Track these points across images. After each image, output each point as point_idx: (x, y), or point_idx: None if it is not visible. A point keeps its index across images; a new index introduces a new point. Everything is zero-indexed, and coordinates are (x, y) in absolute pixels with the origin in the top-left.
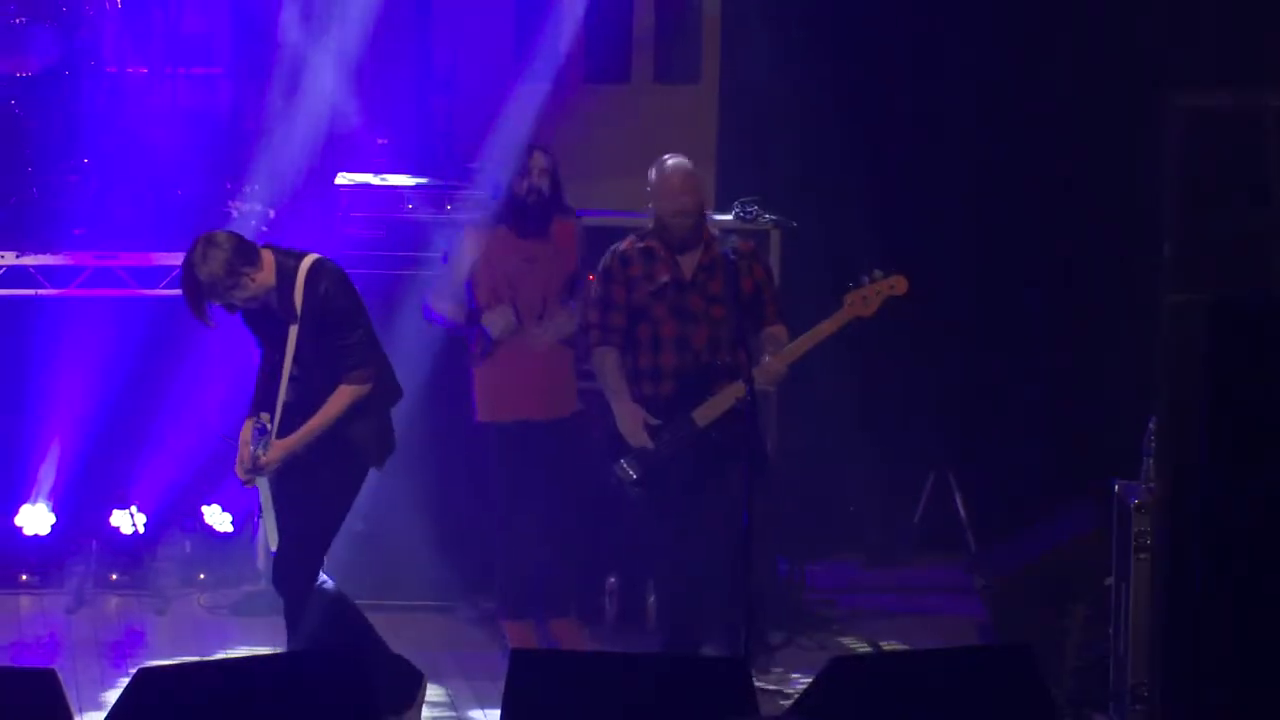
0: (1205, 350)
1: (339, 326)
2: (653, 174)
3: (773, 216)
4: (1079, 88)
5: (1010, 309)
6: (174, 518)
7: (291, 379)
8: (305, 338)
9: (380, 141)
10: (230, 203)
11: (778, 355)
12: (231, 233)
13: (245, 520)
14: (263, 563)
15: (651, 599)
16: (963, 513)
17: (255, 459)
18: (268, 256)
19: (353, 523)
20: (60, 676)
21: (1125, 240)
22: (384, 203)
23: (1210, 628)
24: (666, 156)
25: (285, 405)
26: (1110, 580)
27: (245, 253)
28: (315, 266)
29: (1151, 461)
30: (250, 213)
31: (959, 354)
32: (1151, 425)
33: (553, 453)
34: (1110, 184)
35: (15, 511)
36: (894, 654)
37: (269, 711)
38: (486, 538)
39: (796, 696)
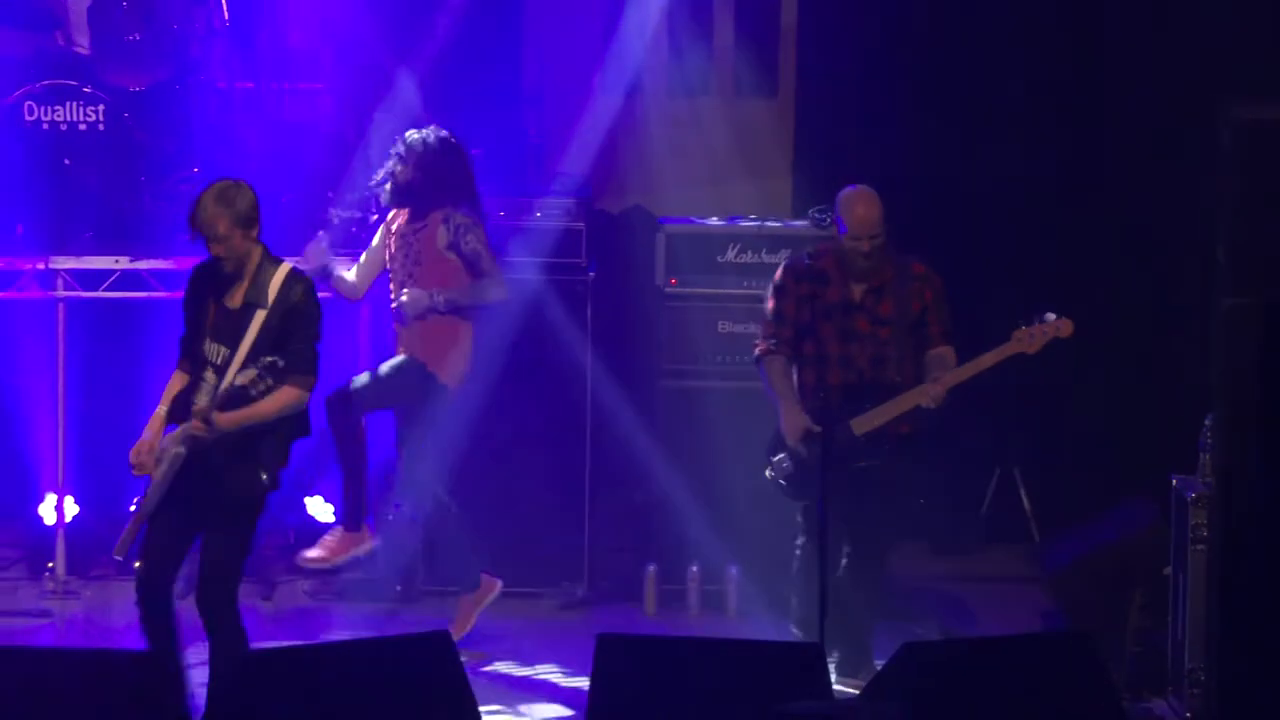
0: (1258, 352)
1: (303, 329)
2: (838, 200)
3: None
4: (1140, 95)
5: (1073, 311)
6: (278, 508)
7: (244, 364)
8: (267, 327)
9: (474, 152)
10: (331, 210)
11: (938, 380)
12: (257, 201)
13: None
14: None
15: (732, 585)
16: (1027, 506)
17: (206, 413)
18: (259, 245)
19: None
20: (158, 659)
21: (1183, 245)
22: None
23: (1262, 615)
24: (852, 185)
25: (232, 387)
26: (1168, 570)
27: (253, 220)
28: (295, 270)
29: (1207, 457)
30: (350, 219)
31: (1025, 356)
32: (1207, 423)
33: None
34: (1168, 190)
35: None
36: (962, 640)
37: (371, 695)
38: (573, 525)
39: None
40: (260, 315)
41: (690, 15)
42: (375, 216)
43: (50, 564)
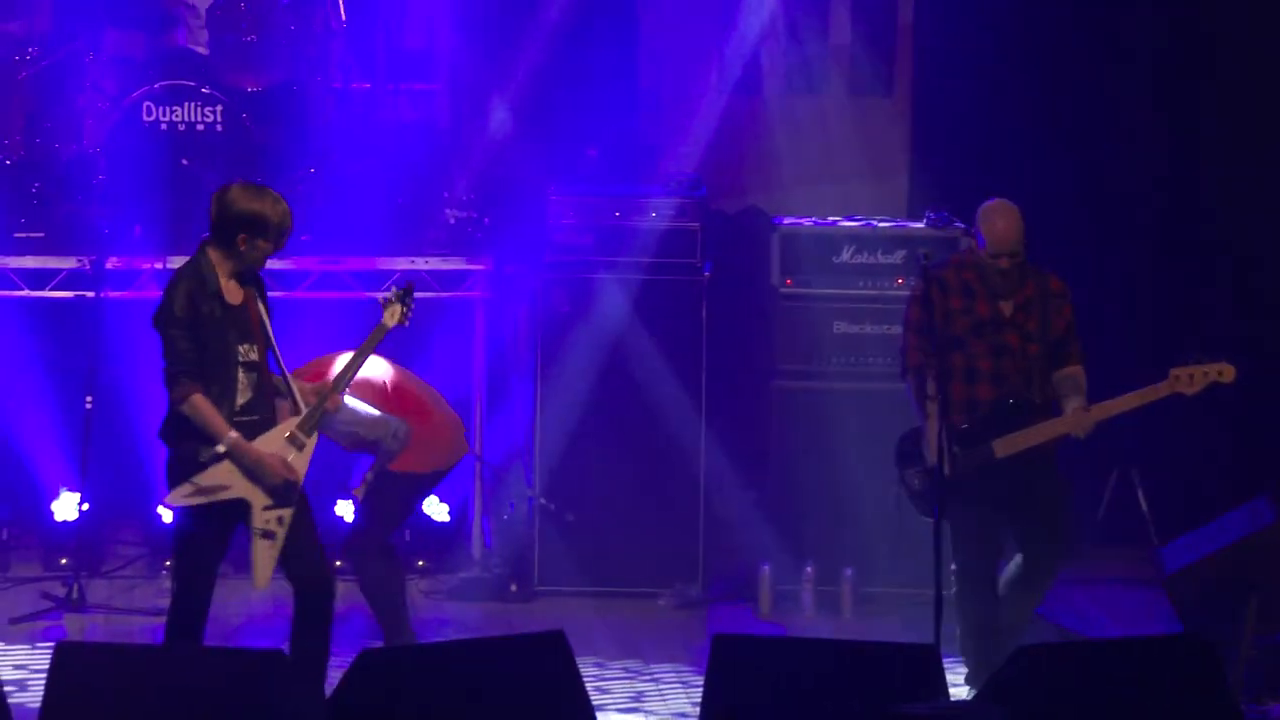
0: None
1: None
2: (978, 213)
3: (961, 224)
4: (1258, 92)
5: (1191, 310)
6: None
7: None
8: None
9: (590, 153)
10: (447, 210)
11: (1092, 411)
12: None
13: (460, 510)
14: (477, 550)
15: (847, 586)
16: (1145, 508)
17: (338, 387)
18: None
19: (562, 513)
20: (285, 656)
21: None
22: (593, 210)
23: None
24: (993, 199)
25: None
26: None
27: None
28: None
29: None
30: (465, 219)
31: (1141, 356)
32: None
33: None
34: None
35: None
36: (1078, 643)
37: (486, 694)
38: (688, 526)
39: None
40: (260, 303)
41: (807, 13)
42: None
43: (168, 562)
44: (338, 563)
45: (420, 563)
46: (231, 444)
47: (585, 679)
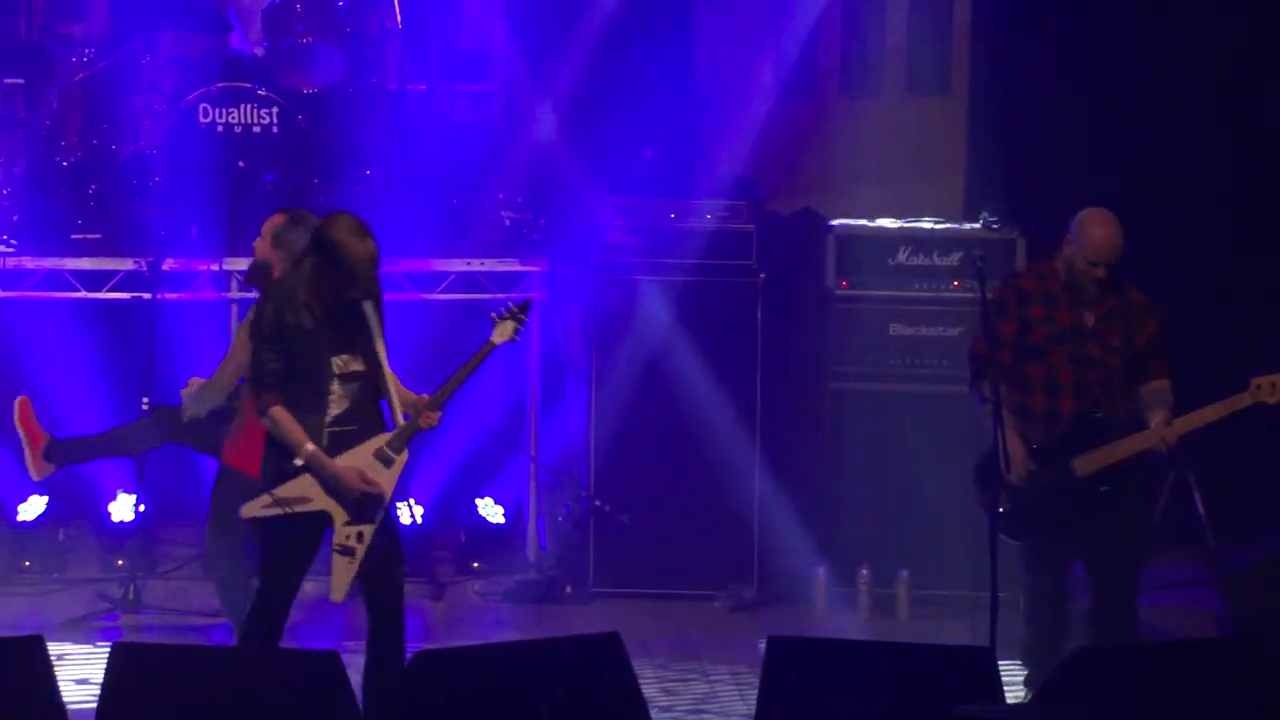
0: None
1: None
2: (1075, 220)
3: (1018, 226)
4: None
5: (1251, 311)
6: (449, 510)
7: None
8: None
9: (646, 154)
10: (502, 211)
11: (1175, 424)
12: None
13: (516, 512)
14: (532, 552)
15: (902, 589)
16: (1202, 511)
17: (437, 403)
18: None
19: (617, 515)
20: (341, 658)
21: None
22: (648, 212)
23: None
24: (1091, 209)
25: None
26: None
27: None
28: None
29: None
30: (520, 221)
31: (1198, 355)
32: None
33: None
34: None
35: None
36: (1134, 645)
37: (541, 695)
38: (743, 528)
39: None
40: (369, 306)
41: (863, 14)
42: None
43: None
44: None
45: (475, 564)
46: (309, 456)
47: (640, 681)
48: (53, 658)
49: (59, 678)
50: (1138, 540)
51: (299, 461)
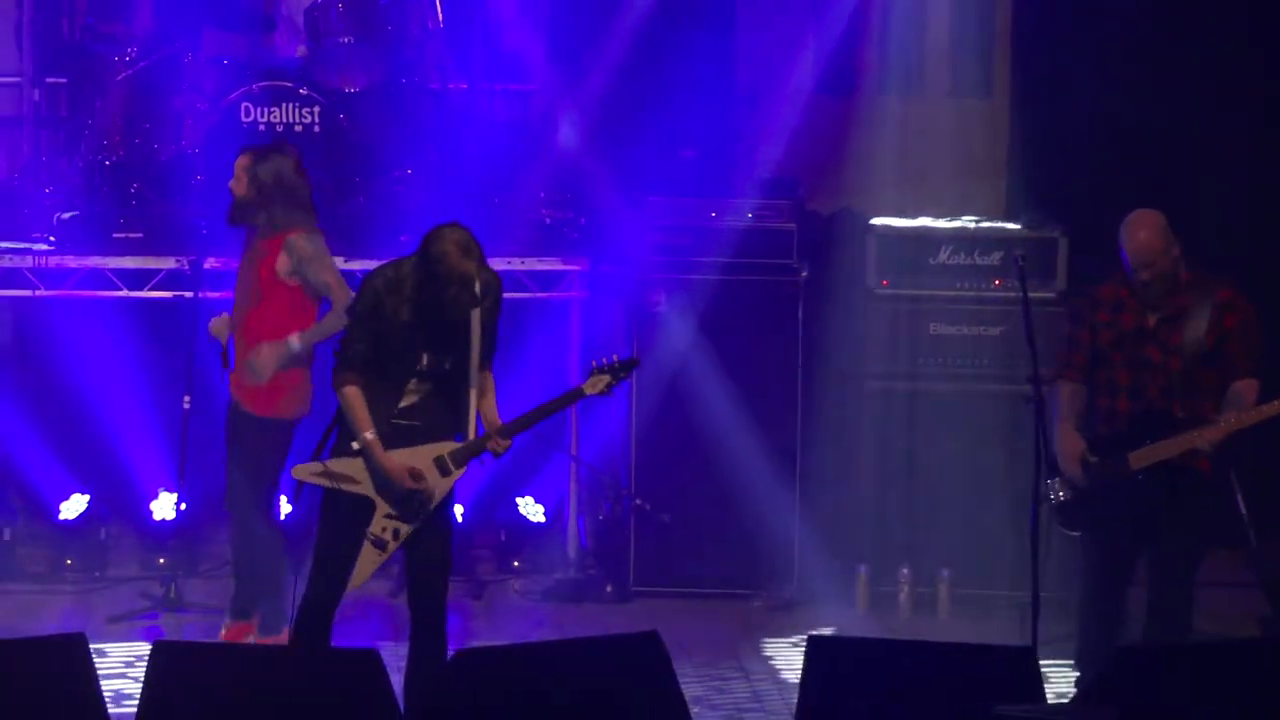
0: None
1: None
2: (1121, 227)
3: (1060, 226)
4: None
5: None
6: (489, 509)
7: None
8: (484, 326)
9: (687, 154)
10: (543, 210)
11: (1219, 424)
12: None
13: (556, 511)
14: (572, 551)
15: (943, 587)
16: (1244, 509)
17: (509, 431)
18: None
19: (658, 513)
20: (381, 657)
21: None
22: (688, 211)
23: None
24: (1134, 212)
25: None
26: None
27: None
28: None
29: None
30: (561, 220)
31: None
32: None
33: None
34: None
35: None
36: (1179, 645)
37: (581, 695)
38: (784, 526)
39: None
40: (477, 314)
41: (905, 15)
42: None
43: None
44: None
45: (516, 563)
46: (366, 443)
47: (680, 680)
48: (94, 656)
49: (100, 676)
50: (1191, 540)
51: (355, 445)
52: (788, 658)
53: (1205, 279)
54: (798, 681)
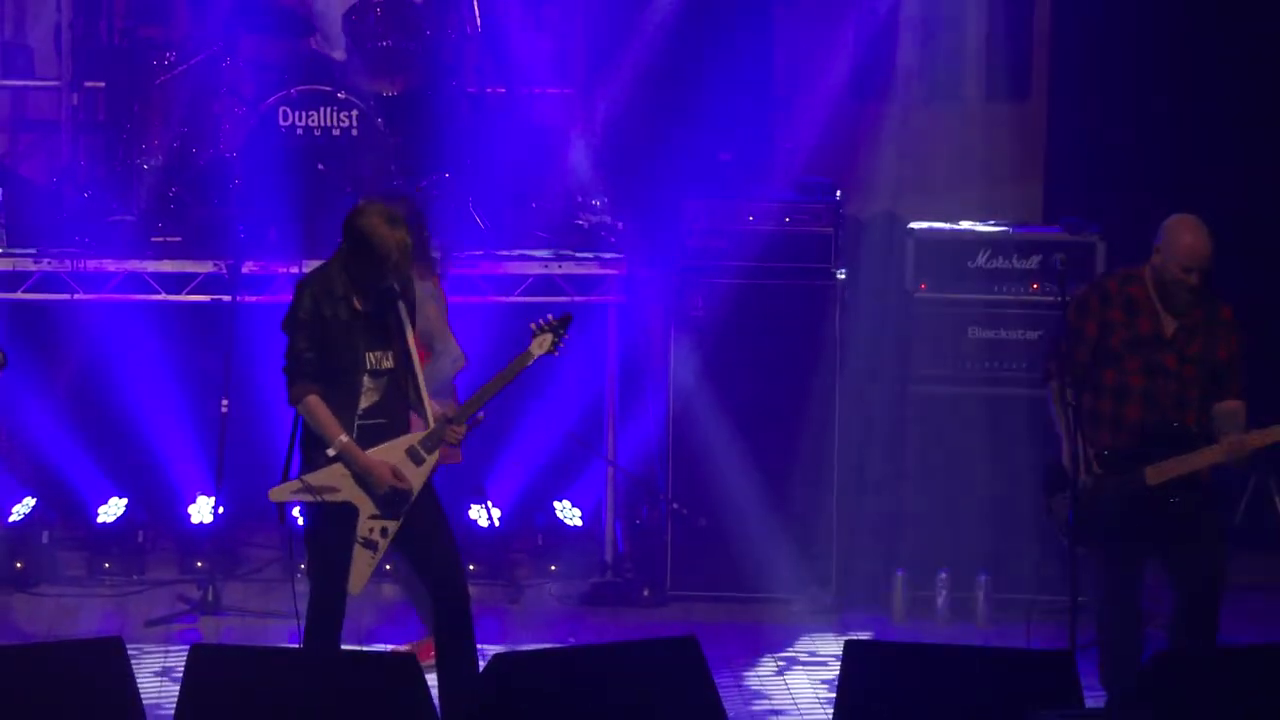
0: None
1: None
2: (1164, 226)
3: (1097, 229)
4: None
5: None
6: (527, 512)
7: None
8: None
9: (724, 157)
10: (580, 214)
11: (1250, 437)
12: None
13: (594, 515)
14: (610, 555)
15: (981, 593)
16: None
17: (469, 415)
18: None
19: (695, 517)
20: (419, 661)
21: None
22: (726, 214)
23: None
24: (1178, 215)
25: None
26: None
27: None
28: None
29: None
30: (599, 223)
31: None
32: None
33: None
34: None
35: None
36: (1214, 650)
37: (618, 699)
38: (822, 530)
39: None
40: (403, 306)
41: (942, 18)
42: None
43: (302, 565)
44: (471, 566)
45: (553, 567)
46: (342, 448)
47: (718, 684)
48: (131, 659)
49: (137, 679)
50: (1220, 552)
51: (331, 452)
52: (825, 662)
53: (1210, 296)
54: (835, 686)
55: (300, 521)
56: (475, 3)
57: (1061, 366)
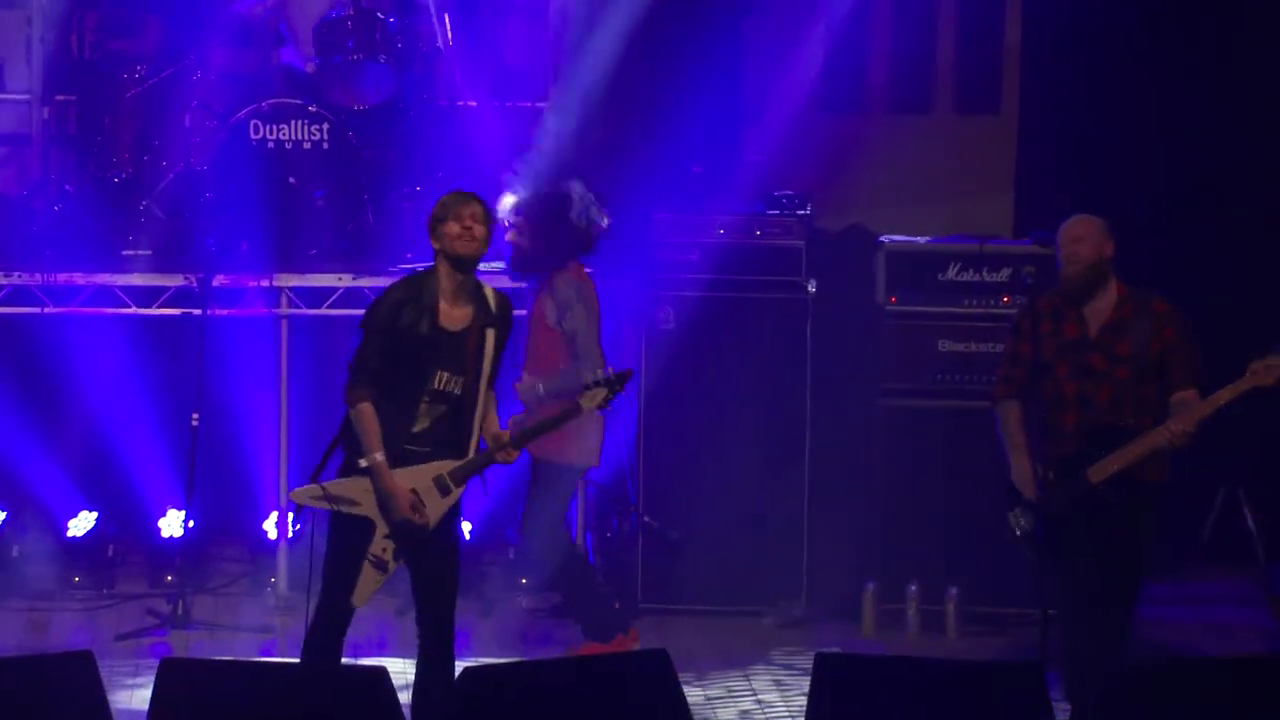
0: None
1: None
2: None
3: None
4: None
5: None
6: (498, 525)
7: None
8: (499, 348)
9: (695, 170)
10: None
11: (1179, 417)
12: None
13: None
14: None
15: (951, 606)
16: (1252, 527)
17: (518, 442)
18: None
19: (666, 531)
20: (389, 674)
21: None
22: (697, 228)
23: None
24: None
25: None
26: None
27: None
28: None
29: None
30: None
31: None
32: None
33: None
34: None
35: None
36: (1183, 662)
37: (587, 711)
38: (792, 543)
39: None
40: (492, 335)
41: (913, 31)
42: None
43: (273, 579)
44: None
45: (524, 580)
46: (374, 464)
47: (688, 697)
48: (102, 674)
49: (108, 693)
50: (1138, 550)
51: (363, 463)
52: (795, 675)
53: (1140, 293)
54: (805, 699)
55: (288, 536)
56: (446, 16)
57: (1008, 388)
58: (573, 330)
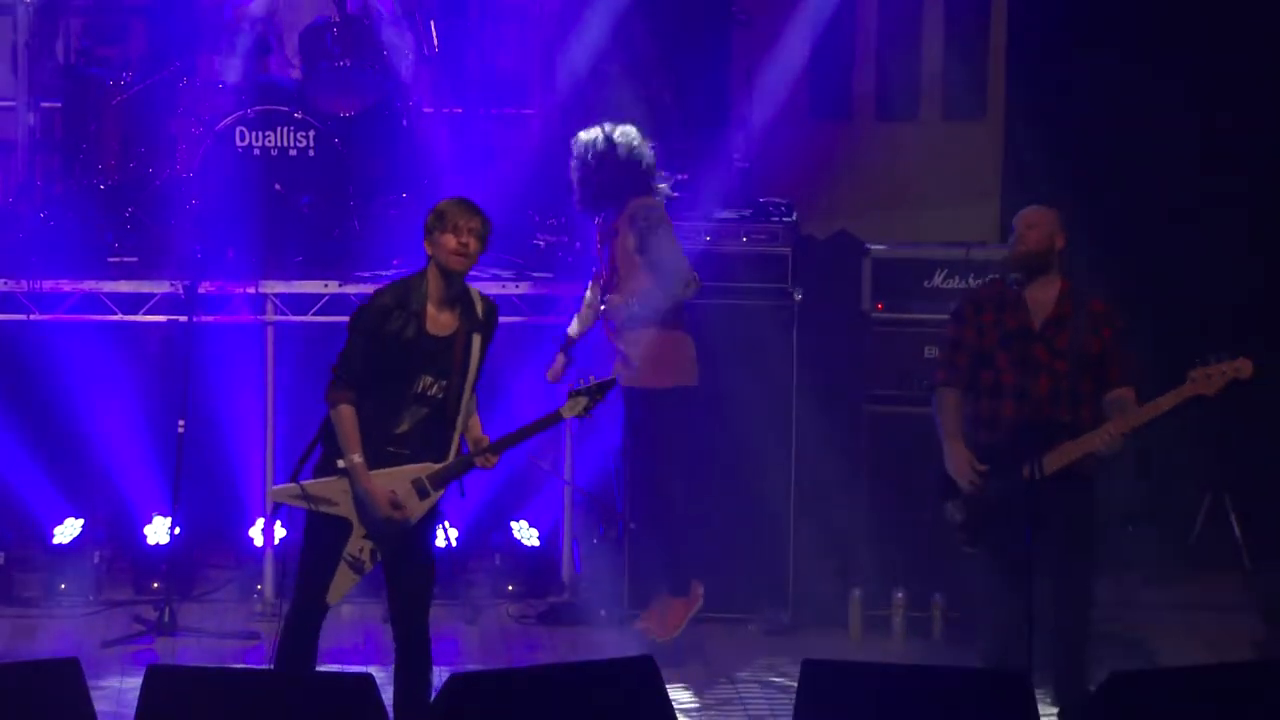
0: None
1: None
2: None
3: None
4: None
5: None
6: (484, 532)
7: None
8: (484, 354)
9: (681, 177)
10: (537, 234)
11: (1113, 423)
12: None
13: (551, 535)
14: (567, 575)
15: (937, 612)
16: (1239, 532)
17: (497, 449)
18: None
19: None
20: (375, 680)
21: None
22: (684, 234)
23: None
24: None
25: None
26: None
27: None
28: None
29: None
30: (555, 243)
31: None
32: None
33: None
34: None
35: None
36: (1171, 669)
37: (573, 718)
38: (778, 550)
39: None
40: (478, 340)
41: (898, 38)
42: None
43: (259, 586)
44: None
45: (510, 587)
46: (351, 465)
47: (675, 704)
48: (88, 681)
49: (95, 700)
50: (1086, 547)
51: (341, 464)
52: (782, 682)
53: (1080, 290)
54: (792, 706)
55: (274, 543)
56: (433, 23)
57: (949, 375)
58: (657, 256)
